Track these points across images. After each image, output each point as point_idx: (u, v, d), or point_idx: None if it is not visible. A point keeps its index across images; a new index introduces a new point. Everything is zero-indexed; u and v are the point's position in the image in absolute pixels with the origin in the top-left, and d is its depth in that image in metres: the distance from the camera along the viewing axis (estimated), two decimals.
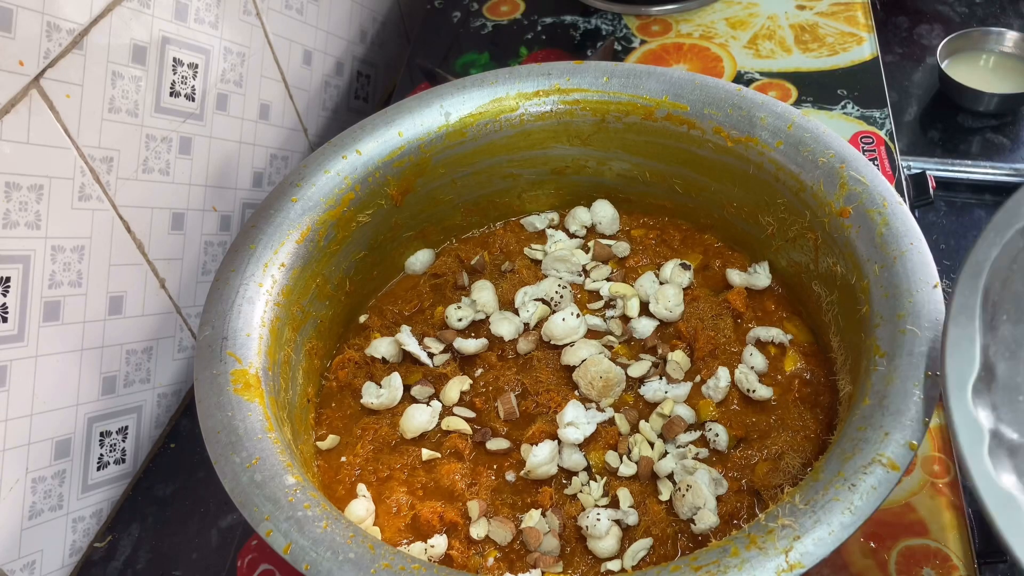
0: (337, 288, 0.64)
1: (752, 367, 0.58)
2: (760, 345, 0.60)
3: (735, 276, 0.64)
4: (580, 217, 0.70)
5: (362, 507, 0.54)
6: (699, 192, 0.66)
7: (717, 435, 0.55)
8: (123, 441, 0.67)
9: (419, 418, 0.58)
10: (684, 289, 0.64)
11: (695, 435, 0.56)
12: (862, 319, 0.51)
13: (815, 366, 0.59)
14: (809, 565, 0.39)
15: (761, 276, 0.64)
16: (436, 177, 0.66)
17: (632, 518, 0.52)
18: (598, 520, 0.51)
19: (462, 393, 0.60)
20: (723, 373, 0.58)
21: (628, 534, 0.52)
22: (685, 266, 0.65)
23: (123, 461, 0.67)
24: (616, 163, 0.68)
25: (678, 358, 0.59)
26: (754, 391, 0.57)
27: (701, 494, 0.51)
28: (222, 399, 0.49)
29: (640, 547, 0.51)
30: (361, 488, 0.56)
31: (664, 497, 0.53)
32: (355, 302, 0.67)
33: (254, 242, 0.58)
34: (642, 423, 0.56)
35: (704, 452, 0.55)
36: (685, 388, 0.58)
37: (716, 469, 0.54)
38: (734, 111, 0.61)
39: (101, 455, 0.64)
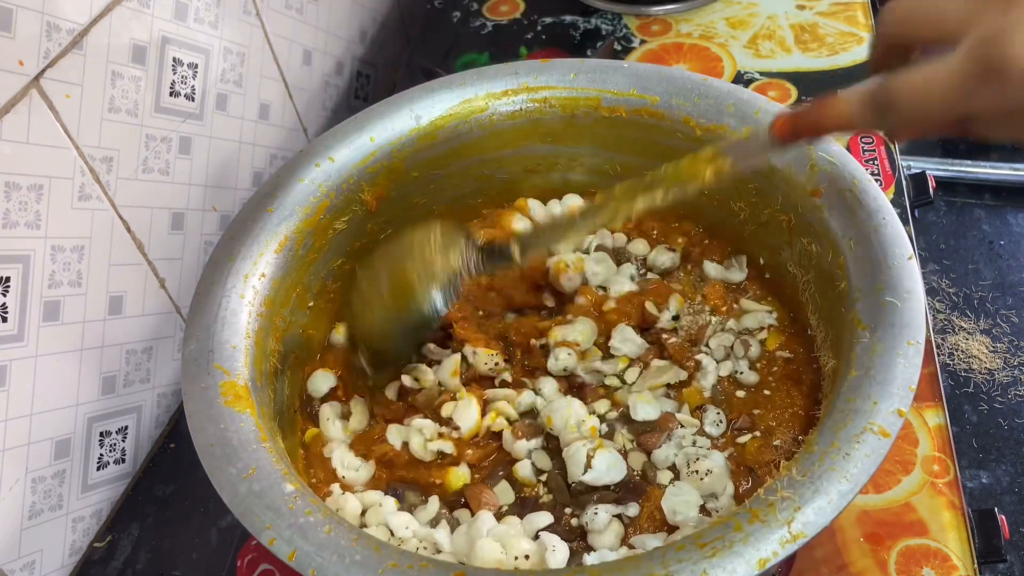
0: (318, 296, 0.63)
1: (744, 354, 0.59)
2: (748, 333, 0.60)
3: (711, 269, 0.64)
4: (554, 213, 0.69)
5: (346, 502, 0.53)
6: None
7: (718, 415, 0.56)
8: (123, 441, 0.67)
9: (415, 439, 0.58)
10: (669, 272, 0.65)
11: (694, 427, 0.56)
12: (840, 295, 0.52)
13: (797, 345, 0.59)
14: (812, 534, 0.40)
15: (735, 272, 0.64)
16: (410, 181, 0.66)
17: (632, 510, 0.51)
18: (596, 514, 0.51)
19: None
20: (708, 361, 0.58)
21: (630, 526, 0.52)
22: (671, 249, 0.65)
23: (123, 461, 0.67)
24: (588, 159, 0.68)
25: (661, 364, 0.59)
26: (741, 373, 0.58)
27: (722, 480, 0.51)
28: (213, 412, 0.49)
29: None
30: (335, 488, 0.55)
31: (664, 481, 0.53)
32: (336, 309, 0.66)
33: (232, 254, 0.57)
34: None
35: (701, 439, 0.55)
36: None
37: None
38: (701, 100, 0.61)
39: (101, 455, 0.64)
